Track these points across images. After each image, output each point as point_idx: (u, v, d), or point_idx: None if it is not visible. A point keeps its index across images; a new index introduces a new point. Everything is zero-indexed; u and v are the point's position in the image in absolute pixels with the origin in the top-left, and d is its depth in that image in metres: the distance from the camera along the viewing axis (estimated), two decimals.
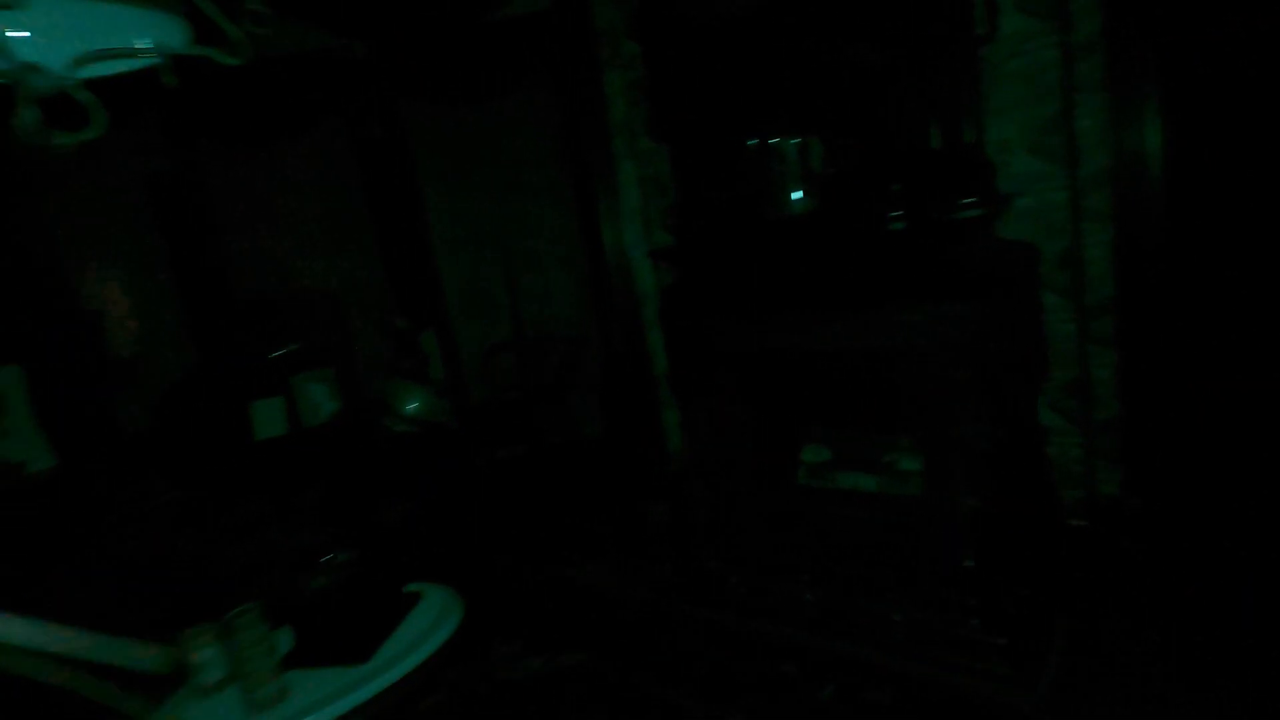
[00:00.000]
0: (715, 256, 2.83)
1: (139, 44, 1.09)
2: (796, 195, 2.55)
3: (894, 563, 2.61)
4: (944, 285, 2.31)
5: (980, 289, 2.25)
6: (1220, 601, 2.13)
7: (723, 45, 2.72)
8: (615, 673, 2.37)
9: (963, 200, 2.14)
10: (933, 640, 2.19)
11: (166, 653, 1.48)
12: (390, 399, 1.53)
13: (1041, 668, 2.02)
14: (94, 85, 1.07)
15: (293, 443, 3.51)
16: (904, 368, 2.47)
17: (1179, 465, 2.40)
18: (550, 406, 4.71)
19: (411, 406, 1.55)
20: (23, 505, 2.70)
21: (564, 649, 2.55)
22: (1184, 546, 2.31)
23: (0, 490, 2.68)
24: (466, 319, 4.99)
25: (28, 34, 1.01)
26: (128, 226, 3.97)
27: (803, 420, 3.15)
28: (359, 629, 1.60)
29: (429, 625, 1.70)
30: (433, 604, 1.78)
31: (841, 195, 2.53)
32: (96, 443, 3.35)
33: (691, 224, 2.85)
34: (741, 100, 2.71)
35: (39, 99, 1.02)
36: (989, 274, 2.24)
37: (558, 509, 3.88)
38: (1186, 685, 1.87)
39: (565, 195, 4.54)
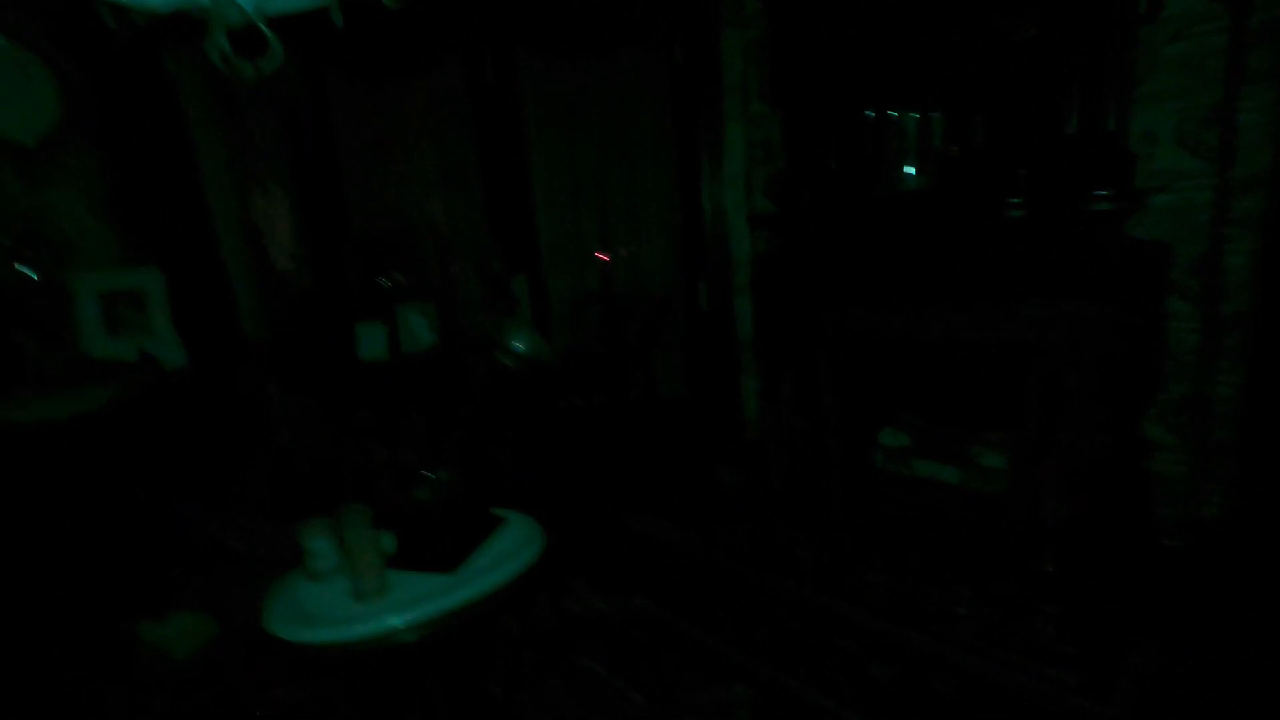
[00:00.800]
0: (819, 229, 2.79)
1: None
2: (910, 171, 2.46)
3: (968, 558, 2.57)
4: (1064, 281, 2.20)
5: (1103, 289, 2.14)
6: None
7: (853, 6, 2.62)
8: (680, 624, 2.47)
9: (1095, 192, 2.02)
10: (1002, 640, 2.16)
11: None
12: (500, 335, 1.61)
13: (1117, 682, 1.96)
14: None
15: (393, 366, 3.74)
16: (1009, 364, 2.39)
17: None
18: (633, 363, 4.80)
19: (519, 345, 1.63)
20: (163, 400, 3.02)
21: (631, 594, 2.66)
22: None
23: (144, 382, 3.00)
24: (558, 269, 5.11)
25: None
26: (278, 151, 4.28)
27: (885, 402, 3.10)
28: (450, 542, 1.73)
29: (512, 548, 1.82)
30: (517, 530, 1.90)
31: (960, 176, 2.43)
32: (223, 347, 3.67)
33: (797, 193, 2.81)
34: (866, 68, 2.62)
35: (228, 32, 1.13)
36: (1114, 273, 2.12)
37: (633, 461, 3.99)
38: None
39: (666, 156, 4.53)
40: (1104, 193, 2.04)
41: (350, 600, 1.63)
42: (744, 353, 3.46)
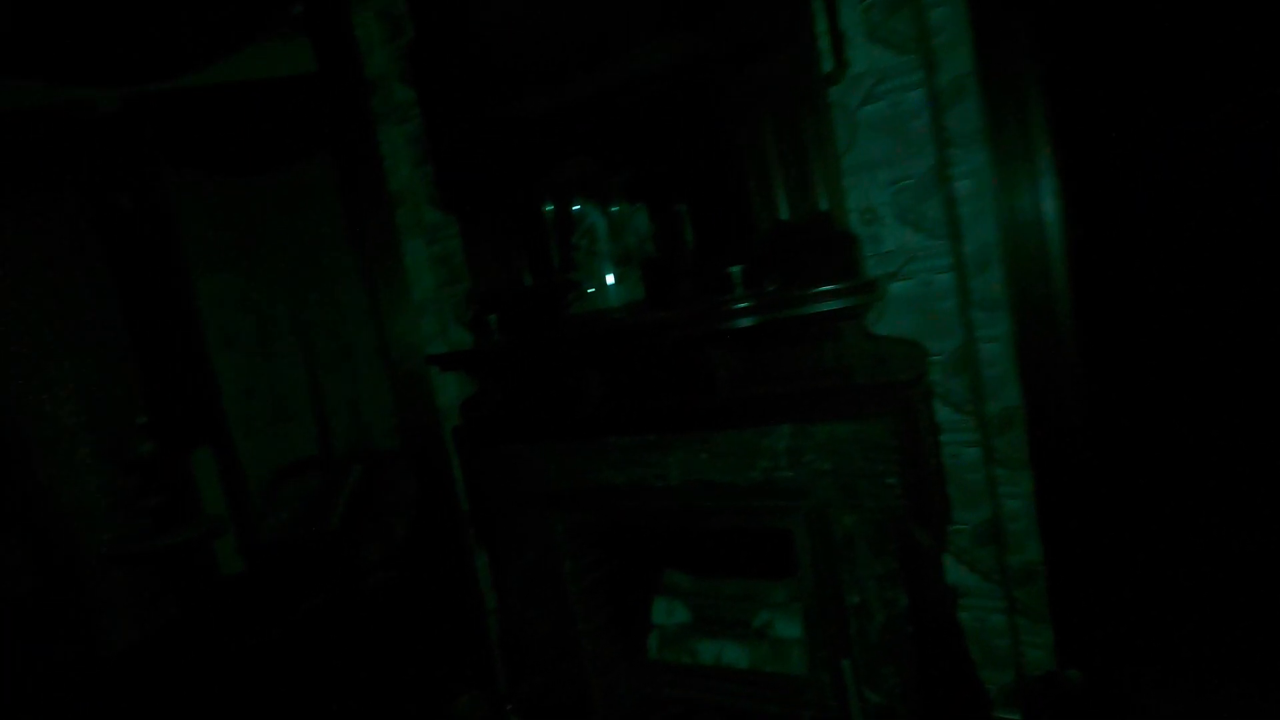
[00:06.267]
0: (516, 363, 2.11)
1: None
2: (611, 281, 1.88)
3: None
4: (813, 401, 1.69)
5: (858, 405, 1.64)
6: None
7: (512, 83, 2.08)
8: None
9: (820, 289, 1.54)
10: None
11: None
12: None
13: None
14: None
15: None
16: (771, 511, 1.80)
17: (1122, 618, 1.83)
18: (367, 541, 3.74)
19: None
20: None
21: None
22: None
23: None
24: (258, 433, 3.99)
25: None
26: None
27: (647, 566, 2.41)
28: None
29: None
30: None
31: (667, 281, 1.89)
32: None
33: (488, 319, 2.12)
34: (536, 154, 2.07)
35: None
36: (869, 384, 1.64)
37: (361, 688, 2.91)
38: None
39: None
40: (834, 286, 1.56)
41: None
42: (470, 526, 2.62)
